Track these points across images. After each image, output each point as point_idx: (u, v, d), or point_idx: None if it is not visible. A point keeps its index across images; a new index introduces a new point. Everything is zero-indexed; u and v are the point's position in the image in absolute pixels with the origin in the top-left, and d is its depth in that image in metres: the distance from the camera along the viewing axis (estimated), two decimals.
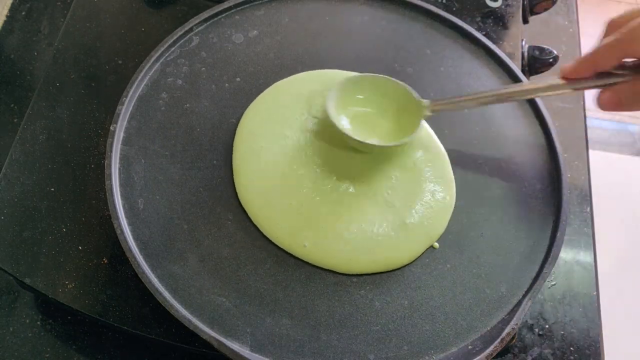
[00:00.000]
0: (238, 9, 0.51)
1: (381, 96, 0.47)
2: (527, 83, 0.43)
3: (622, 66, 0.38)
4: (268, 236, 0.42)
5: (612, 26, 0.38)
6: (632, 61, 0.38)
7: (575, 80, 0.40)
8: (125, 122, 0.44)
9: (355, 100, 0.47)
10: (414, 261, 0.43)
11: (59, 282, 0.41)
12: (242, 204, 0.43)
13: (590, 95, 0.42)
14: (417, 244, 0.43)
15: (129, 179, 0.42)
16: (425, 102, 0.45)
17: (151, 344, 0.42)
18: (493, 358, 0.38)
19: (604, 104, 0.39)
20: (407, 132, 0.45)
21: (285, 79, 0.49)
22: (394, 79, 0.46)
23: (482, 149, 0.48)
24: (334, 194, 0.44)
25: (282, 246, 0.42)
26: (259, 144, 0.45)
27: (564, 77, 0.40)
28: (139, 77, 0.46)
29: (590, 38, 0.47)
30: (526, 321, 0.47)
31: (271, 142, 0.45)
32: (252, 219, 0.42)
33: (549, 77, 0.42)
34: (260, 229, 0.42)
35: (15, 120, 0.52)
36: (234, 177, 0.44)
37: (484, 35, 0.54)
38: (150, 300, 0.38)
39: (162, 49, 0.48)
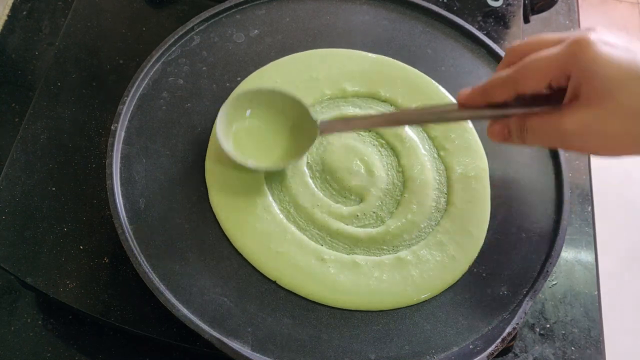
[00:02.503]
0: (239, 8, 0.51)
1: (277, 112, 0.44)
2: (422, 108, 0.42)
3: (516, 99, 0.37)
4: None
5: (511, 55, 0.37)
6: (526, 96, 0.36)
7: (469, 108, 0.39)
8: (126, 122, 0.44)
9: (248, 115, 0.44)
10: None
11: (60, 281, 0.41)
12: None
13: None
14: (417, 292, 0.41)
15: (130, 178, 0.42)
16: (317, 122, 0.42)
17: (152, 343, 0.42)
18: (494, 357, 0.38)
19: (493, 135, 0.39)
20: (304, 149, 0.43)
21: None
22: (291, 94, 0.43)
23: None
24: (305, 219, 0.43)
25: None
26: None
27: (459, 104, 0.39)
28: (140, 77, 0.46)
29: None
30: (527, 320, 0.47)
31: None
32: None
33: (447, 104, 0.40)
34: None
35: (17, 119, 0.52)
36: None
37: (485, 34, 0.54)
38: (151, 299, 0.38)
39: (163, 48, 0.48)
